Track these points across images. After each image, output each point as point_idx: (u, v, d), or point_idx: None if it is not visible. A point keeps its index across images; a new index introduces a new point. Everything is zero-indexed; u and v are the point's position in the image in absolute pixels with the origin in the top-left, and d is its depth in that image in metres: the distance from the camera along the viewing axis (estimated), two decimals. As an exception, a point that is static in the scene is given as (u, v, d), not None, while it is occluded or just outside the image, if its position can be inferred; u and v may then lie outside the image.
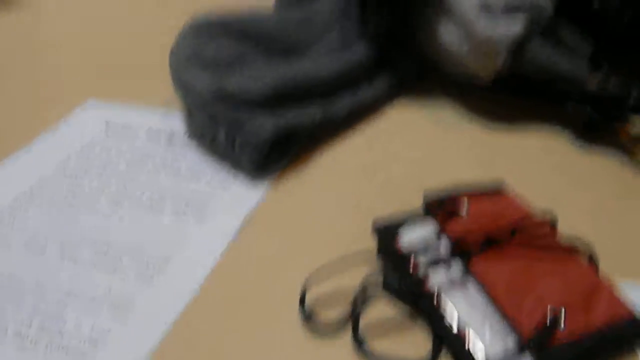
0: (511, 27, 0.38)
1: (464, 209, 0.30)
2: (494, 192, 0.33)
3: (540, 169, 0.37)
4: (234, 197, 0.35)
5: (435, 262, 0.28)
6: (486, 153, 0.38)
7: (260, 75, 0.39)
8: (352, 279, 0.29)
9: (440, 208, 0.30)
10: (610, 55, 0.43)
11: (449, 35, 0.40)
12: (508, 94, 0.44)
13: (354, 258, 0.28)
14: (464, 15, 0.39)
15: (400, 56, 0.46)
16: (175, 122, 0.42)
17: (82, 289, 0.29)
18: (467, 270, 0.28)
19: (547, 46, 0.40)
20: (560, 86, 0.40)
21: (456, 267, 0.28)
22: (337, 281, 0.29)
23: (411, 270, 0.28)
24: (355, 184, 0.36)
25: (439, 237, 0.29)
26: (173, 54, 0.41)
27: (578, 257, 0.28)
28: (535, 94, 0.42)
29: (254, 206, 0.34)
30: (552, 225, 0.30)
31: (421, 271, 0.27)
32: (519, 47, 0.39)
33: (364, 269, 0.29)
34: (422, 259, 0.29)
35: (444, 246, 0.29)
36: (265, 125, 0.35)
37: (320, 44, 0.44)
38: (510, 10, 0.39)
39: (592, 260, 0.28)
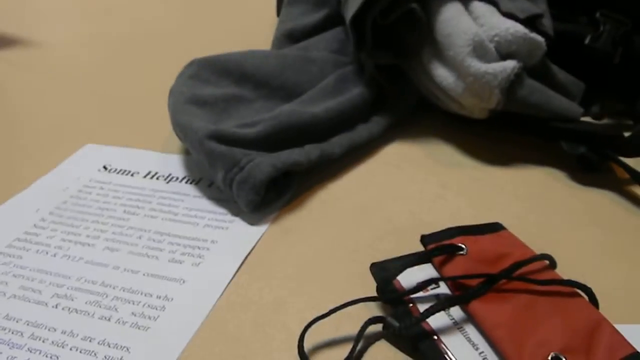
0: (504, 67, 0.39)
1: (462, 250, 0.30)
2: (492, 231, 0.33)
3: (536, 207, 0.37)
4: (232, 240, 0.35)
5: (435, 305, 0.27)
6: (482, 191, 0.39)
7: (258, 117, 0.40)
8: (350, 322, 0.28)
9: (439, 249, 0.30)
10: (603, 94, 0.44)
11: (443, 75, 0.41)
12: (504, 131, 0.44)
13: (352, 300, 0.28)
14: (456, 55, 0.39)
15: (396, 95, 0.46)
16: (173, 164, 0.43)
17: (76, 338, 0.28)
18: (467, 312, 0.28)
19: (539, 85, 0.40)
20: (554, 124, 0.40)
21: (456, 310, 0.28)
22: (335, 324, 0.28)
23: (411, 313, 0.28)
24: (354, 223, 0.36)
25: (438, 279, 0.29)
26: (172, 95, 0.42)
27: (578, 295, 0.28)
28: (531, 132, 0.42)
29: (251, 249, 0.34)
30: (551, 264, 0.30)
31: (421, 314, 0.27)
32: (511, 86, 0.39)
33: (363, 311, 0.29)
34: (422, 302, 0.28)
35: (443, 288, 0.29)
36: (262, 165, 0.36)
37: (317, 83, 0.45)
38: (502, 53, 0.39)
39: (592, 300, 0.28)
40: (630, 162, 0.38)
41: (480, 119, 0.42)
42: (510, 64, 0.39)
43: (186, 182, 0.40)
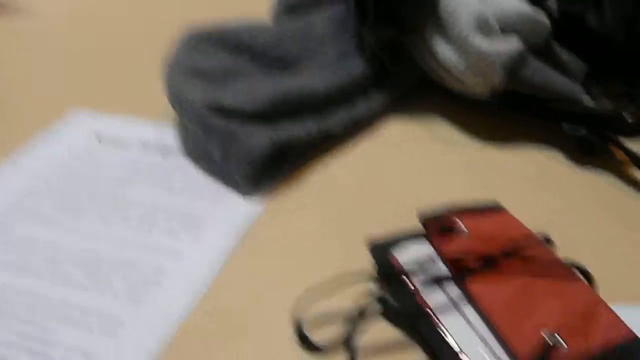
0: (507, 46, 0.38)
1: (460, 228, 0.30)
2: (491, 211, 0.32)
3: (535, 188, 0.37)
4: (228, 213, 0.34)
5: (432, 282, 0.27)
6: (481, 171, 0.38)
7: (256, 89, 0.39)
8: (347, 299, 0.28)
9: (437, 227, 0.30)
10: (605, 75, 0.44)
11: (446, 52, 0.40)
12: (505, 111, 0.44)
13: (349, 277, 0.28)
14: (460, 33, 0.39)
15: (397, 71, 0.46)
16: (168, 135, 0.42)
17: (70, 310, 0.28)
18: (464, 290, 0.28)
19: (542, 65, 0.40)
20: (555, 105, 0.40)
21: (453, 288, 0.28)
22: (332, 301, 0.28)
23: (408, 290, 0.28)
24: (352, 200, 0.35)
25: (435, 257, 0.29)
26: (168, 66, 0.41)
27: (576, 277, 0.28)
28: (532, 113, 0.42)
29: (248, 223, 0.33)
30: (550, 245, 0.30)
31: (418, 291, 0.26)
32: (515, 65, 0.39)
33: (360, 288, 0.29)
34: (419, 279, 0.28)
35: (440, 266, 0.29)
36: (260, 140, 0.35)
37: (317, 57, 0.44)
38: (506, 32, 0.39)
39: (590, 282, 0.28)
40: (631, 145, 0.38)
41: (481, 98, 0.42)
42: (514, 43, 0.38)
43: (182, 155, 0.40)
